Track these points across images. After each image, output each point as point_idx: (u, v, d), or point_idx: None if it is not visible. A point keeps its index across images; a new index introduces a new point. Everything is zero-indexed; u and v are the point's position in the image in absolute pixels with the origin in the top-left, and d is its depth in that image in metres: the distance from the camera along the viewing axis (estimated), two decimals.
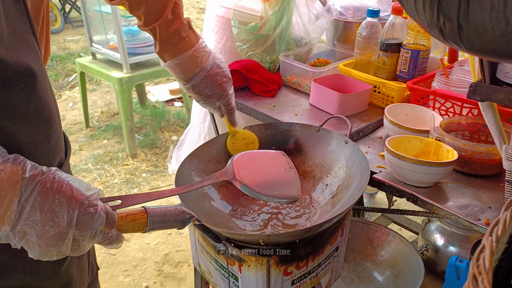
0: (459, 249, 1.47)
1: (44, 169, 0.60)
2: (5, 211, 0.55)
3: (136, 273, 2.22)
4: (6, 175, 0.55)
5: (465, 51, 0.49)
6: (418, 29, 1.39)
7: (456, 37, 0.46)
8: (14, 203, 0.56)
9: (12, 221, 0.56)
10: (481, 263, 0.44)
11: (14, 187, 0.56)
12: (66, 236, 0.59)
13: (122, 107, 3.07)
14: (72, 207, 0.59)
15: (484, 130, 1.17)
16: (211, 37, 1.88)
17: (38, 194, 0.58)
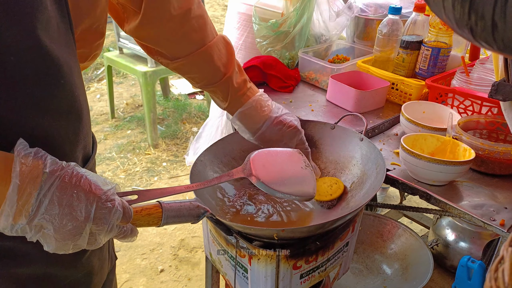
0: (469, 245, 1.46)
1: (64, 164, 0.60)
2: (23, 205, 0.56)
3: (152, 256, 2.29)
4: (27, 169, 0.56)
5: (497, 51, 0.46)
6: (440, 27, 1.37)
7: (489, 37, 0.43)
8: (33, 197, 0.56)
9: (29, 214, 0.56)
10: (499, 277, 0.41)
11: (34, 181, 0.56)
12: (84, 230, 0.59)
13: (146, 99, 3.15)
14: (90, 201, 0.60)
15: (503, 129, 1.15)
16: (233, 33, 1.90)
17: (57, 189, 0.58)
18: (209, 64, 0.93)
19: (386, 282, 1.43)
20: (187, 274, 2.17)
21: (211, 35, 0.93)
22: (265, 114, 0.98)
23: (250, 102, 0.97)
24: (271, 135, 0.98)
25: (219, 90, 0.96)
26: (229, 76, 0.95)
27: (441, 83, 1.34)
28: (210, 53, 0.92)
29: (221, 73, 0.94)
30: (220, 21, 6.33)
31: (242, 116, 0.97)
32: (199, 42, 0.91)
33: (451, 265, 1.51)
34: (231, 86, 0.95)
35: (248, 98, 0.97)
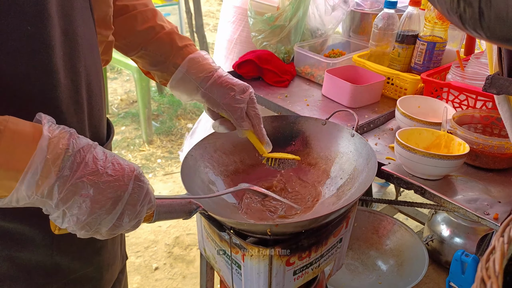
0: (464, 241, 1.46)
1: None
2: (54, 160, 0.52)
3: (147, 254, 2.28)
4: (58, 130, 0.54)
5: (486, 39, 0.47)
6: (435, 21, 1.37)
7: (476, 24, 0.44)
8: (64, 152, 0.53)
9: (59, 170, 0.52)
10: (490, 266, 0.41)
11: (65, 139, 0.54)
12: (120, 201, 0.56)
13: (140, 95, 3.13)
14: (129, 172, 0.58)
15: (497, 123, 1.15)
16: (228, 27, 1.88)
17: (93, 151, 0.56)
18: (151, 21, 0.89)
19: (381, 278, 1.43)
20: (182, 271, 2.16)
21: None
22: (215, 66, 0.90)
23: (200, 52, 0.90)
24: (221, 88, 0.88)
25: (162, 42, 0.90)
26: (172, 29, 0.91)
27: (436, 78, 1.34)
28: (153, 13, 0.90)
29: (163, 29, 0.90)
30: (216, 16, 6.30)
31: (191, 62, 0.89)
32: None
33: (446, 260, 1.51)
34: (177, 38, 0.90)
35: (195, 49, 0.91)
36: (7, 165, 0.50)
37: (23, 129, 0.52)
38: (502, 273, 0.41)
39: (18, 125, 0.51)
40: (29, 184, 0.51)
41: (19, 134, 0.51)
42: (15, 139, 0.50)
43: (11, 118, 0.52)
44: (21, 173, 0.50)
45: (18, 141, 0.51)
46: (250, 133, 0.93)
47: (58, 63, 0.63)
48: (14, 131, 0.51)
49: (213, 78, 0.88)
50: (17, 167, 0.50)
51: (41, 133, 0.52)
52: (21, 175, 0.50)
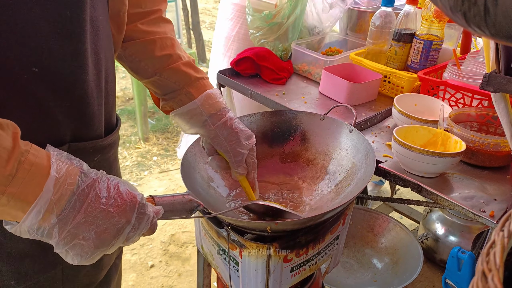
0: (459, 239, 1.47)
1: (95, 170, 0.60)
2: (57, 201, 0.53)
3: (142, 252, 2.27)
4: (64, 165, 0.55)
5: (489, 36, 0.46)
6: (432, 20, 1.37)
7: (481, 22, 0.43)
8: (69, 194, 0.54)
9: (61, 211, 0.53)
10: (491, 259, 0.41)
11: (71, 178, 0.55)
12: (122, 234, 0.58)
13: (136, 92, 3.12)
14: (131, 206, 0.59)
15: (493, 122, 1.16)
16: (226, 24, 1.88)
17: (97, 188, 0.57)
18: (169, 49, 0.90)
19: (376, 276, 1.43)
20: (178, 269, 2.16)
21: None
22: (226, 106, 0.92)
23: (216, 89, 0.92)
24: (230, 130, 0.90)
25: (178, 71, 0.90)
26: (190, 61, 0.92)
27: (432, 76, 1.34)
28: (172, 42, 0.91)
29: (180, 59, 0.91)
30: (212, 13, 6.29)
31: (208, 97, 0.89)
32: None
33: (441, 259, 1.52)
34: (194, 67, 0.91)
35: (211, 86, 0.92)
36: (19, 196, 0.51)
37: (41, 162, 0.53)
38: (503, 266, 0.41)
39: (37, 157, 0.53)
40: (31, 223, 0.52)
41: (36, 167, 0.52)
42: (32, 172, 0.52)
43: (32, 148, 0.53)
44: (30, 205, 0.51)
45: (35, 174, 0.52)
46: (243, 178, 0.94)
47: (87, 47, 0.67)
48: (33, 163, 0.52)
49: (225, 118, 0.90)
50: (28, 199, 0.52)
51: (49, 172, 0.53)
52: (29, 207, 0.51)
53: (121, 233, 0.58)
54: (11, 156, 0.50)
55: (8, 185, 0.50)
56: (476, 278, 0.41)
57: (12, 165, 0.50)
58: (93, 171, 0.58)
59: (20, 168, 0.50)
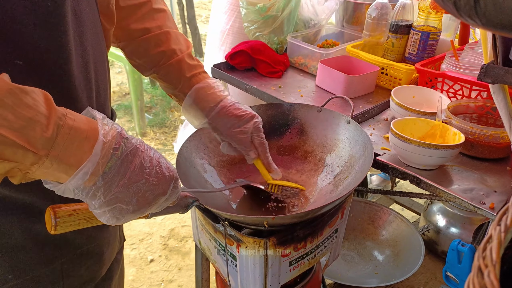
0: (460, 231, 1.47)
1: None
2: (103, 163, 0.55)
3: (142, 246, 2.27)
4: (108, 130, 0.57)
5: (481, 26, 0.46)
6: (429, 11, 1.36)
7: (471, 11, 0.44)
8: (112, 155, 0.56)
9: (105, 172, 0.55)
10: (487, 255, 0.40)
11: (115, 140, 0.56)
12: (157, 204, 0.61)
13: (132, 87, 3.10)
14: (169, 179, 0.62)
15: (492, 113, 1.15)
16: (220, 18, 1.86)
17: (141, 154, 0.59)
18: (164, 45, 0.91)
19: (377, 269, 1.43)
20: (177, 263, 2.16)
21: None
22: (221, 95, 0.92)
23: (208, 81, 0.92)
24: (226, 117, 0.90)
25: (172, 70, 0.92)
26: (183, 56, 0.92)
27: (430, 68, 1.33)
28: (167, 36, 0.92)
29: (175, 54, 0.92)
30: (208, 7, 6.25)
31: (197, 93, 0.90)
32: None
33: (442, 250, 1.52)
34: (185, 66, 0.92)
35: (204, 78, 0.93)
36: (62, 159, 0.52)
37: (78, 126, 0.54)
38: (500, 261, 0.40)
39: (75, 121, 0.54)
40: (77, 183, 0.54)
41: (75, 130, 0.53)
42: (71, 135, 0.53)
43: (68, 113, 0.54)
44: (72, 168, 0.53)
45: (74, 137, 0.53)
46: (257, 161, 0.94)
47: (70, 39, 0.67)
48: (72, 127, 0.53)
49: (218, 108, 0.90)
50: (70, 162, 0.53)
51: (95, 131, 0.55)
52: (71, 169, 0.53)
53: (156, 202, 0.61)
54: (49, 120, 0.51)
55: (50, 149, 0.51)
56: (472, 274, 0.40)
57: (52, 129, 0.51)
58: (133, 137, 0.60)
59: (60, 132, 0.52)
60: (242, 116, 0.90)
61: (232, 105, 0.91)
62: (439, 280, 1.44)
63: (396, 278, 1.31)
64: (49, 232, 0.60)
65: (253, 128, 0.91)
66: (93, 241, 0.84)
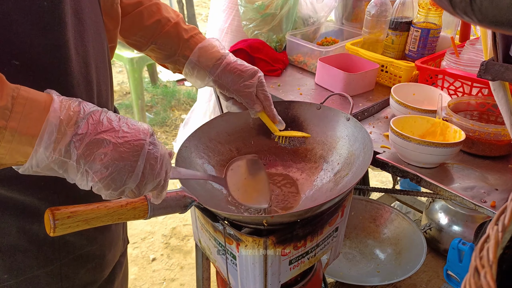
0: (463, 229, 1.46)
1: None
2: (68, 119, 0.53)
3: (144, 245, 2.28)
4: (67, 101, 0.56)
5: (477, 23, 0.46)
6: (429, 7, 1.35)
7: (467, 8, 0.43)
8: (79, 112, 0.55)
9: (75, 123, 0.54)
10: (484, 255, 0.40)
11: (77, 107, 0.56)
12: (140, 154, 0.58)
13: (133, 86, 3.10)
14: (143, 132, 0.60)
15: (494, 110, 1.14)
16: (219, 16, 1.85)
17: (106, 115, 0.57)
18: (157, 14, 0.93)
19: (379, 267, 1.43)
20: (179, 262, 2.16)
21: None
22: (224, 53, 0.95)
23: (208, 40, 0.95)
24: (230, 74, 0.93)
25: (170, 36, 0.94)
26: (177, 21, 0.95)
27: (430, 65, 1.32)
28: (157, 6, 0.94)
29: (169, 21, 0.94)
30: (208, 5, 6.25)
31: (200, 52, 0.93)
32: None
33: (445, 249, 1.51)
34: (182, 29, 0.94)
35: (202, 38, 0.96)
36: (22, 130, 0.51)
37: (34, 97, 0.53)
38: (496, 262, 0.39)
39: (30, 93, 0.53)
40: (46, 145, 0.52)
41: (31, 101, 0.52)
42: (28, 106, 0.52)
43: (22, 87, 0.53)
44: (36, 138, 0.52)
45: (31, 108, 0.52)
46: (262, 114, 0.98)
47: (69, 39, 0.66)
48: (27, 97, 0.52)
49: (222, 65, 0.93)
50: (32, 132, 0.52)
51: (52, 99, 0.54)
52: (35, 140, 0.52)
53: (139, 153, 0.57)
54: (1, 93, 0.50)
55: (7, 120, 0.50)
56: (469, 275, 0.39)
57: (5, 99, 0.50)
58: (94, 105, 0.59)
59: (15, 103, 0.51)
60: (246, 72, 0.93)
61: (235, 61, 0.94)
62: (441, 279, 1.44)
63: (398, 277, 1.30)
64: (48, 234, 0.60)
65: (257, 82, 0.94)
66: (94, 243, 0.83)
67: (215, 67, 0.93)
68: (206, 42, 0.95)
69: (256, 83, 0.94)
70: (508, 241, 0.48)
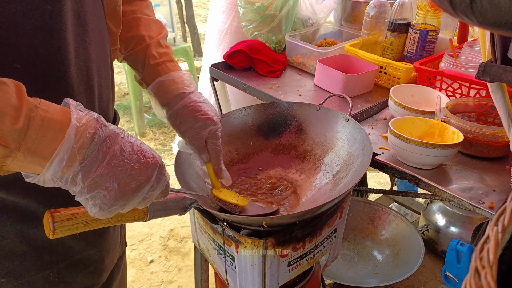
0: (460, 230, 1.47)
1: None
2: (79, 149, 0.52)
3: (142, 247, 2.27)
4: (83, 116, 0.55)
5: (477, 24, 0.46)
6: (427, 9, 1.35)
7: (467, 9, 0.43)
8: (90, 139, 0.54)
9: (83, 158, 0.53)
10: (484, 256, 0.40)
11: (91, 127, 0.54)
12: (141, 191, 0.58)
13: (131, 87, 3.10)
14: (152, 165, 0.59)
15: (491, 112, 1.15)
16: (218, 17, 1.86)
17: (119, 142, 0.56)
18: (133, 30, 0.90)
19: (377, 268, 1.43)
20: (177, 264, 2.15)
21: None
22: (183, 92, 0.88)
23: (172, 75, 0.89)
24: (184, 117, 0.87)
25: (138, 57, 0.90)
26: (150, 43, 0.90)
27: (429, 66, 1.33)
28: (137, 22, 0.90)
29: (143, 41, 0.90)
30: (207, 6, 6.25)
31: (159, 86, 0.88)
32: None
33: (442, 250, 1.51)
34: (150, 54, 0.90)
35: (168, 70, 0.90)
36: (35, 152, 0.51)
37: (52, 116, 0.52)
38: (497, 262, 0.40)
39: (48, 112, 0.52)
40: (54, 171, 0.52)
41: (48, 121, 0.52)
42: (44, 127, 0.51)
43: (42, 103, 0.52)
44: (47, 160, 0.51)
45: (47, 129, 0.51)
46: (208, 165, 0.91)
47: (70, 42, 0.66)
48: (44, 118, 0.51)
49: (177, 106, 0.87)
50: (44, 154, 0.51)
51: (69, 121, 0.53)
52: (46, 162, 0.51)
53: (140, 190, 0.58)
54: (20, 112, 0.49)
55: (22, 142, 0.50)
56: (469, 275, 0.39)
57: (22, 121, 0.49)
58: (112, 125, 0.58)
59: (31, 124, 0.50)
60: (200, 119, 0.86)
61: (193, 105, 0.87)
62: (439, 280, 1.44)
63: (396, 278, 1.30)
64: (48, 236, 0.59)
65: (208, 134, 0.88)
66: (93, 247, 0.83)
67: (169, 105, 0.88)
68: (169, 76, 0.89)
69: (207, 134, 0.88)
70: (507, 241, 0.48)
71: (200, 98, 0.89)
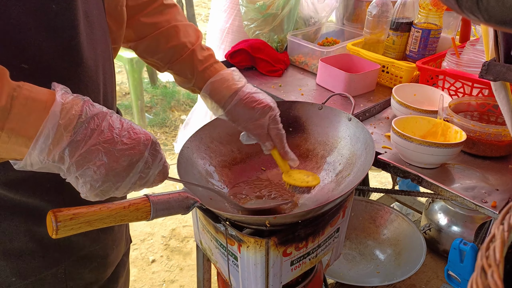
0: (462, 229, 1.47)
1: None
2: (66, 125, 0.52)
3: (143, 247, 2.27)
4: (71, 97, 0.54)
5: (483, 22, 0.46)
6: (430, 8, 1.35)
7: (473, 7, 0.43)
8: (77, 116, 0.53)
9: (73, 132, 0.52)
10: (491, 255, 0.40)
11: (78, 105, 0.54)
12: (134, 169, 0.57)
13: (132, 86, 3.10)
14: (145, 140, 0.58)
15: (494, 111, 1.14)
16: (220, 16, 1.85)
17: (108, 118, 0.55)
18: (174, 39, 0.91)
19: (379, 268, 1.43)
20: (179, 264, 2.15)
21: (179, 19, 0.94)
22: (236, 87, 0.90)
23: (221, 74, 0.91)
24: (242, 110, 0.89)
25: (185, 64, 0.92)
26: (194, 49, 0.92)
27: (431, 65, 1.33)
28: (175, 30, 0.91)
29: (186, 48, 0.91)
30: (208, 5, 6.24)
31: (212, 87, 0.91)
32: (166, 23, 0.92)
33: (444, 249, 1.51)
34: (197, 60, 0.91)
35: (216, 71, 0.92)
36: (19, 132, 0.50)
37: (36, 96, 0.52)
38: (503, 261, 0.40)
39: (32, 92, 0.52)
40: (41, 149, 0.51)
41: (32, 101, 0.51)
42: (28, 106, 0.51)
43: (25, 85, 0.52)
44: (32, 140, 0.51)
45: (31, 108, 0.51)
46: (274, 151, 0.93)
47: (82, 41, 0.66)
48: (28, 97, 0.51)
49: (234, 101, 0.89)
50: (29, 134, 0.51)
51: (55, 100, 0.52)
52: (31, 141, 0.51)
53: (133, 167, 0.57)
54: (0, 91, 0.49)
55: (5, 121, 0.49)
56: (475, 274, 0.39)
57: (5, 100, 0.49)
58: (100, 105, 0.57)
59: (14, 103, 0.50)
60: (258, 109, 0.89)
61: (248, 97, 0.89)
62: (440, 279, 1.44)
63: (398, 277, 1.30)
64: (51, 236, 0.59)
65: (269, 120, 0.90)
66: (98, 243, 0.83)
67: (226, 102, 0.90)
68: (219, 76, 0.91)
69: (268, 121, 0.90)
70: None
71: (252, 89, 0.91)
